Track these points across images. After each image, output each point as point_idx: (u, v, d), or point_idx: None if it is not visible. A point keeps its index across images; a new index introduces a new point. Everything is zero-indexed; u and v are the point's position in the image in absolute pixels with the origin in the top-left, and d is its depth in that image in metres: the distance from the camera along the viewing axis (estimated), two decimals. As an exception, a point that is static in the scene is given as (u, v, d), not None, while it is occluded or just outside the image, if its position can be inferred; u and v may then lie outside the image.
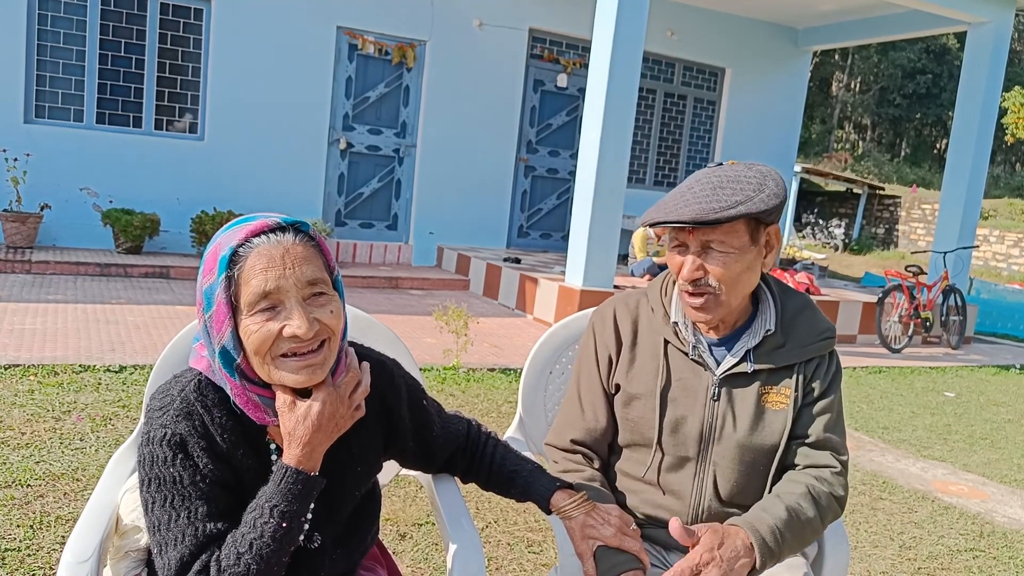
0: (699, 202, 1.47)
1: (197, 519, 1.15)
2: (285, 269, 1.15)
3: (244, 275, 1.14)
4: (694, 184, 1.52)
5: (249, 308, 1.15)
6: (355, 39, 8.90)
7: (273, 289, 1.14)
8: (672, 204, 1.51)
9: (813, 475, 1.57)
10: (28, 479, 3.04)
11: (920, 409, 5.86)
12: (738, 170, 1.53)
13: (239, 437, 1.22)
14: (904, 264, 9.66)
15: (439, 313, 5.35)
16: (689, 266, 1.53)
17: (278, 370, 1.17)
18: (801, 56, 11.60)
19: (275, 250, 1.15)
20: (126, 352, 4.80)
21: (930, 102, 31.12)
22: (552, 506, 1.49)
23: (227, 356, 1.17)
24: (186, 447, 1.17)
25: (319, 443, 1.18)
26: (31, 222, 7.45)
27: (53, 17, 7.73)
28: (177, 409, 1.18)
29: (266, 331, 1.14)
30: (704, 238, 1.51)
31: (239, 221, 1.19)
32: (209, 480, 1.17)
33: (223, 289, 1.14)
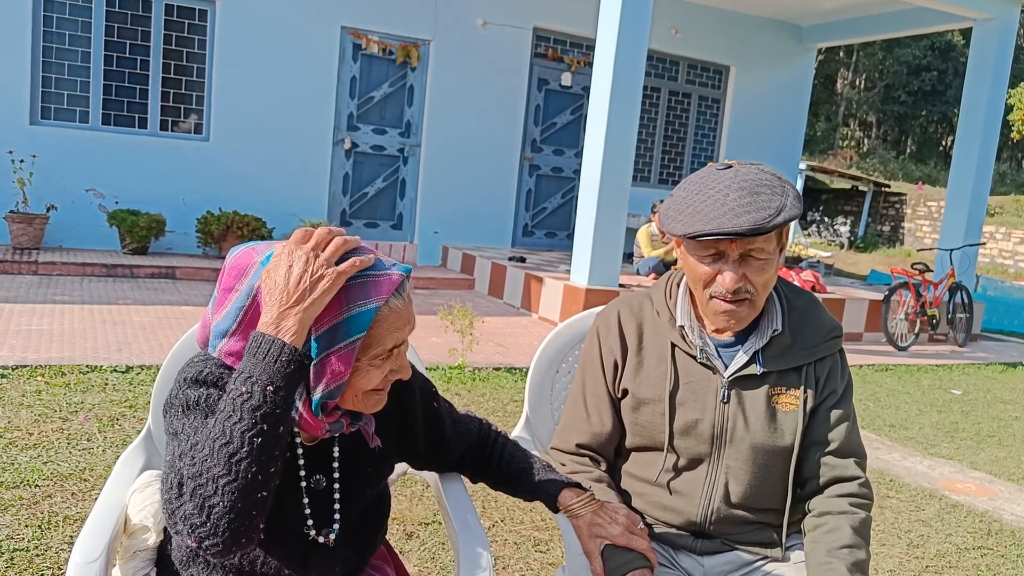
0: (748, 211, 1.43)
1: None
2: (410, 324, 1.20)
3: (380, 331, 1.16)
4: (726, 191, 1.46)
5: (373, 357, 1.18)
6: (359, 39, 8.90)
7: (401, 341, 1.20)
8: (716, 213, 1.44)
9: (848, 501, 1.54)
10: (36, 479, 3.05)
11: (927, 407, 5.84)
12: (754, 172, 1.50)
13: None
14: (910, 262, 9.63)
15: (444, 313, 5.35)
16: (733, 276, 1.49)
17: (364, 402, 1.22)
18: (806, 53, 11.58)
19: (405, 308, 1.19)
20: (132, 352, 4.82)
21: (935, 99, 31.04)
22: (559, 504, 1.49)
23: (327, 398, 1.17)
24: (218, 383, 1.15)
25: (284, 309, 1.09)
26: (37, 223, 7.47)
27: (58, 19, 7.75)
28: (211, 371, 1.17)
29: (380, 374, 1.20)
30: (747, 247, 1.48)
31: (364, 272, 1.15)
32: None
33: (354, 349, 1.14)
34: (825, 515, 1.55)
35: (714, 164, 1.57)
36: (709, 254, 1.50)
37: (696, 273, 1.53)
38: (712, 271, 1.51)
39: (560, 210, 10.42)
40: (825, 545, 1.50)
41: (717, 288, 1.52)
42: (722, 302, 1.52)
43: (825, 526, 1.53)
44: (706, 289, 1.54)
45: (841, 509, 1.53)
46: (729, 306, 1.52)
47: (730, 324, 1.56)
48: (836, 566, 1.45)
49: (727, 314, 1.53)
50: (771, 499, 1.62)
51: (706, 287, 1.54)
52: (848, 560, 1.46)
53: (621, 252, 6.95)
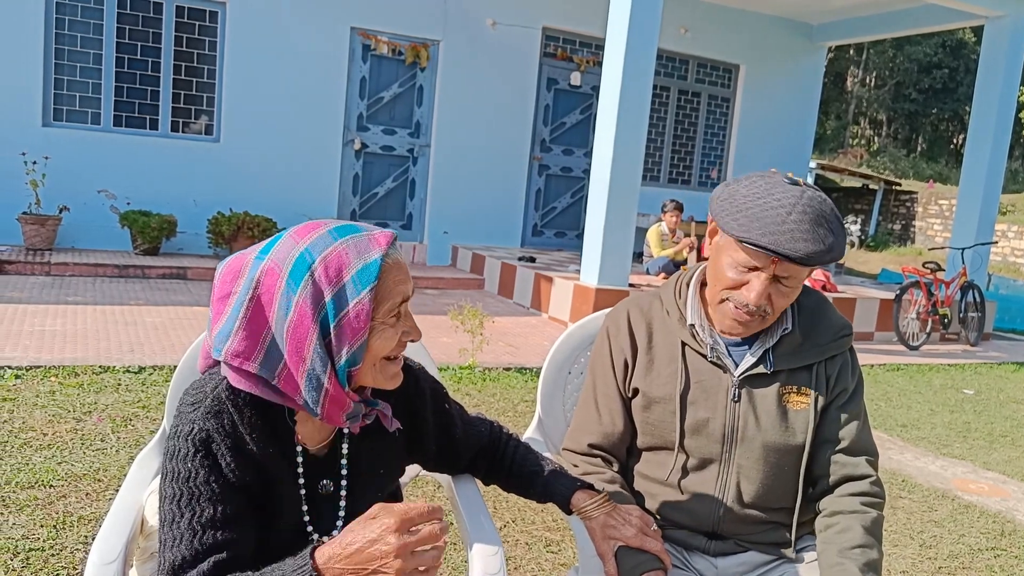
0: (807, 239, 1.43)
1: (198, 523, 1.15)
2: (408, 279, 1.22)
3: (388, 284, 1.18)
4: (790, 209, 1.45)
5: (387, 314, 1.19)
6: (368, 40, 8.92)
7: (407, 296, 1.22)
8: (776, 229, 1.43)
9: (860, 500, 1.54)
10: (51, 480, 3.08)
11: (939, 407, 5.82)
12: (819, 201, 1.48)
13: (269, 437, 1.22)
14: (921, 261, 9.59)
15: (454, 313, 5.36)
16: (761, 293, 1.49)
17: (381, 373, 1.23)
18: (816, 51, 11.54)
19: (402, 259, 1.22)
20: (145, 353, 4.84)
21: (947, 97, 30.86)
22: (573, 506, 1.50)
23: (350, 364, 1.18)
24: (209, 445, 1.17)
25: (342, 566, 1.09)
26: (50, 224, 7.52)
27: (70, 21, 7.80)
28: (208, 407, 1.19)
29: (394, 334, 1.21)
30: (784, 271, 1.49)
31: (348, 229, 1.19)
32: (224, 482, 1.17)
33: (371, 298, 1.15)
34: (836, 514, 1.55)
35: (782, 174, 1.55)
36: (747, 265, 1.50)
37: (723, 274, 1.53)
38: (740, 280, 1.51)
39: (569, 210, 10.42)
40: (837, 545, 1.50)
41: (739, 298, 1.52)
42: (737, 309, 1.53)
43: (837, 526, 1.53)
44: (724, 291, 1.54)
45: (852, 508, 1.54)
46: (744, 317, 1.53)
47: (735, 330, 1.57)
48: (848, 567, 1.45)
49: (737, 322, 1.55)
50: (783, 498, 1.62)
51: (726, 289, 1.54)
52: (860, 560, 1.46)
53: (631, 252, 6.94)
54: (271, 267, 1.15)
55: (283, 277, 1.14)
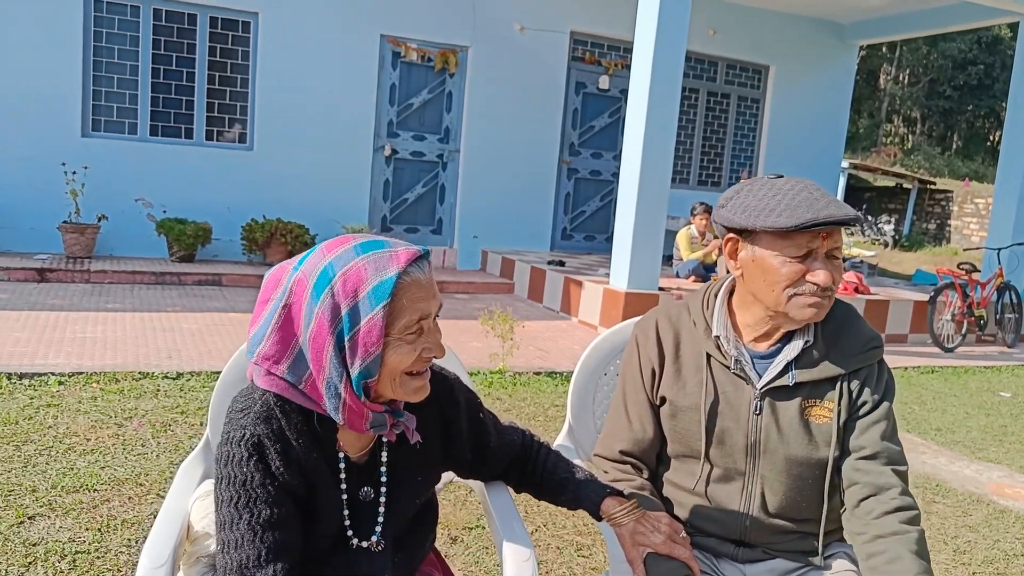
0: (839, 206, 1.49)
1: (258, 524, 1.21)
2: (434, 296, 1.25)
3: (405, 302, 1.21)
4: (804, 190, 1.52)
5: (403, 331, 1.22)
6: (398, 47, 9.01)
7: (426, 314, 1.24)
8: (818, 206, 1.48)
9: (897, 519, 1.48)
10: (95, 484, 3.17)
11: (975, 410, 5.75)
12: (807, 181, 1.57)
13: (312, 443, 1.28)
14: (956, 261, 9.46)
15: (485, 318, 5.41)
16: (827, 272, 1.52)
17: (402, 387, 1.26)
18: (847, 51, 11.44)
19: (426, 278, 1.24)
20: (182, 359, 4.95)
21: (982, 93, 30.35)
22: (603, 513, 1.53)
23: (364, 376, 1.22)
24: (262, 449, 1.23)
25: None
26: (89, 233, 7.69)
27: (108, 34, 7.98)
28: (257, 412, 1.24)
29: (412, 351, 1.24)
30: (833, 245, 1.53)
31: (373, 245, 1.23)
32: (278, 484, 1.23)
33: (383, 315, 1.19)
34: (877, 539, 1.48)
35: (770, 176, 1.60)
36: (800, 254, 1.52)
37: (781, 274, 1.53)
38: (802, 269, 1.52)
39: (599, 213, 10.43)
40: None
41: (808, 286, 1.52)
42: (811, 296, 1.53)
43: (883, 555, 1.46)
44: (789, 288, 1.53)
45: (893, 530, 1.47)
46: (817, 299, 1.53)
47: (817, 316, 1.56)
48: None
49: (815, 306, 1.54)
50: (808, 509, 1.63)
51: (790, 286, 1.53)
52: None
53: (660, 255, 6.94)
54: (301, 278, 1.21)
55: (308, 289, 1.20)
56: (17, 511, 2.87)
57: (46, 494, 3.04)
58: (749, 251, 1.57)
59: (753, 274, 1.58)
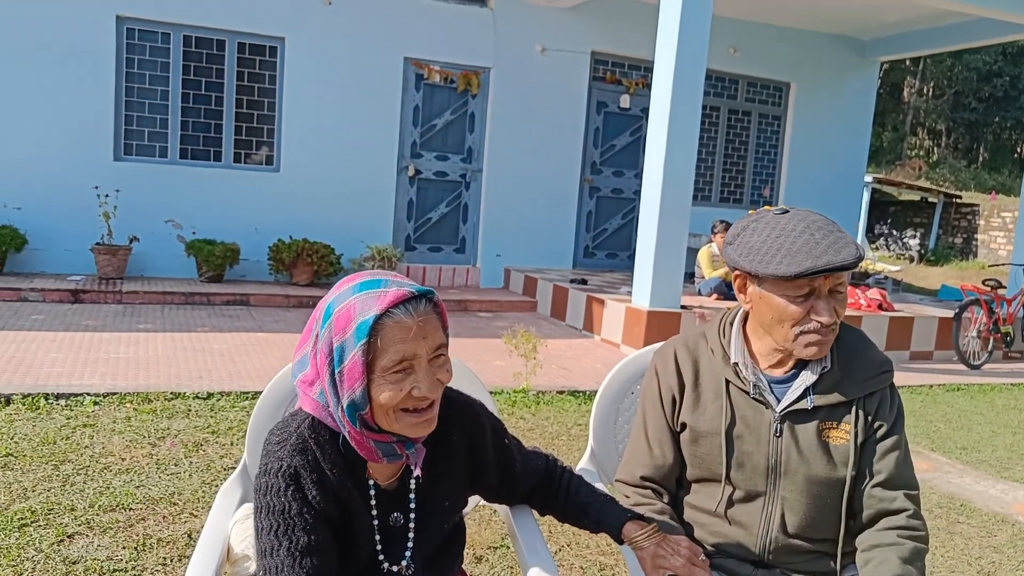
0: (843, 247, 1.55)
1: (297, 550, 1.28)
2: (421, 339, 1.27)
3: (384, 342, 1.26)
4: (808, 231, 1.57)
5: (384, 370, 1.27)
6: (421, 69, 9.15)
7: (412, 355, 1.27)
8: (817, 251, 1.54)
9: (896, 533, 1.58)
10: (130, 503, 3.26)
11: (1001, 428, 5.71)
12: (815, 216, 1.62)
13: (345, 472, 1.35)
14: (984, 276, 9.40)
15: (508, 337, 5.47)
16: (829, 310, 1.58)
17: (398, 422, 1.31)
18: (868, 67, 11.43)
19: (412, 321, 1.27)
20: (213, 379, 5.05)
21: (1008, 105, 30.08)
22: (624, 536, 1.58)
23: (354, 408, 1.29)
24: (299, 479, 1.31)
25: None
26: (121, 254, 7.86)
27: (139, 60, 8.18)
28: (294, 444, 1.33)
29: (398, 390, 1.28)
30: (836, 282, 1.59)
31: (369, 284, 1.29)
32: (315, 512, 1.31)
33: (362, 353, 1.25)
34: (874, 548, 1.60)
35: (771, 209, 1.67)
36: (802, 293, 1.58)
37: (787, 313, 1.60)
38: (804, 309, 1.59)
39: (621, 231, 10.48)
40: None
41: (811, 324, 1.59)
42: (814, 335, 1.60)
43: (875, 560, 1.58)
44: (795, 327, 1.61)
45: (890, 541, 1.58)
46: (820, 337, 1.60)
47: (820, 354, 1.63)
48: None
49: (817, 345, 1.61)
50: (826, 529, 1.68)
51: (796, 325, 1.61)
52: None
53: (682, 273, 6.97)
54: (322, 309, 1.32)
55: (318, 322, 1.30)
56: (57, 529, 2.97)
57: (84, 513, 3.13)
58: (756, 289, 1.65)
59: (761, 310, 1.66)
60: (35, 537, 2.91)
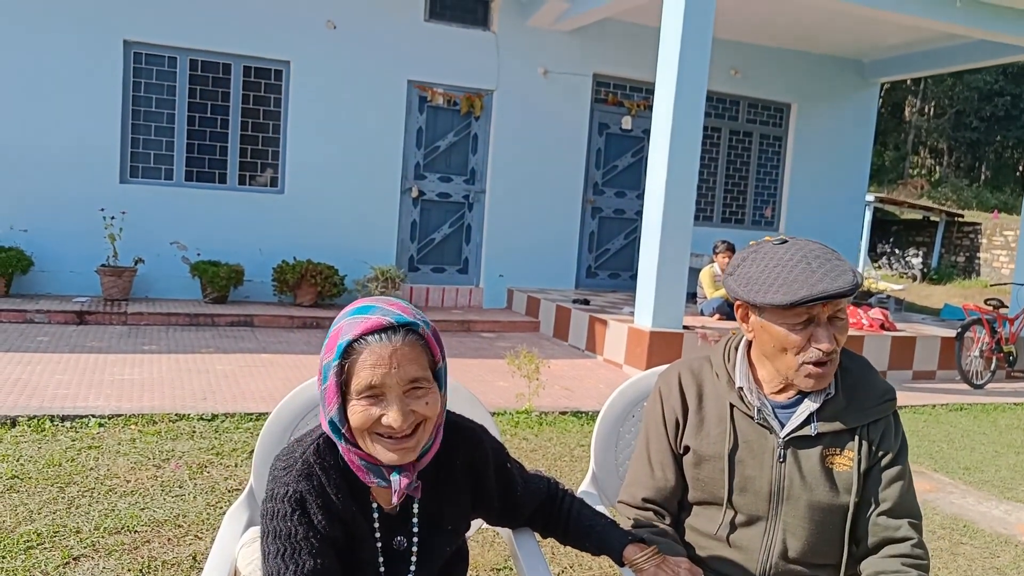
0: (839, 274, 1.57)
1: (303, 574, 1.31)
2: (391, 368, 1.30)
3: (356, 367, 1.31)
4: (805, 260, 1.60)
5: (356, 394, 1.32)
6: (425, 91, 9.23)
7: (379, 384, 1.30)
8: (812, 280, 1.56)
9: (900, 562, 1.60)
10: (135, 525, 3.28)
11: (1004, 448, 5.71)
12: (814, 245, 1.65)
13: (349, 496, 1.38)
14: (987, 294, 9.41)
15: (511, 358, 5.49)
16: (829, 338, 1.60)
17: (374, 445, 1.34)
18: (869, 88, 11.51)
19: (384, 349, 1.30)
20: (217, 401, 5.08)
21: (1010, 124, 30.18)
22: (624, 559, 1.60)
23: (333, 425, 1.35)
24: (304, 504, 1.34)
25: None
26: (126, 276, 7.91)
27: (146, 84, 8.27)
28: (299, 470, 1.36)
29: (367, 415, 1.32)
30: (835, 309, 1.61)
31: (360, 310, 1.35)
32: (321, 536, 1.33)
33: (335, 374, 1.31)
34: (878, 575, 1.61)
35: (771, 239, 1.70)
36: (801, 321, 1.61)
37: (788, 341, 1.62)
38: (804, 337, 1.61)
39: (623, 251, 10.52)
40: None
41: (812, 354, 1.61)
42: (814, 366, 1.62)
43: None
44: (798, 356, 1.63)
45: (894, 569, 1.60)
46: (820, 369, 1.62)
47: (819, 385, 1.65)
48: None
49: (818, 377, 1.63)
50: (828, 555, 1.70)
51: (799, 353, 1.62)
52: None
53: (684, 293, 6.99)
54: None
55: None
56: (62, 552, 2.98)
57: (89, 535, 3.15)
58: (757, 319, 1.68)
59: (763, 339, 1.69)
60: (41, 559, 2.92)
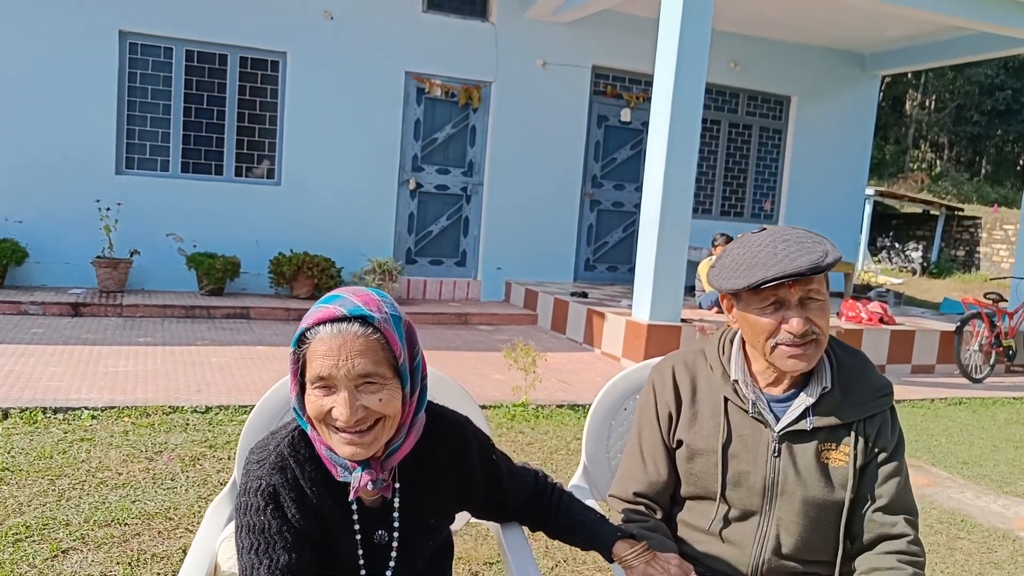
0: (801, 255, 1.54)
1: (277, 569, 1.27)
2: (340, 360, 1.26)
3: (308, 356, 1.29)
4: (773, 245, 1.57)
5: (310, 383, 1.30)
6: (423, 83, 9.18)
7: (327, 376, 1.27)
8: (772, 262, 1.54)
9: (896, 558, 1.57)
10: (125, 518, 3.25)
11: (1003, 442, 5.68)
12: (790, 230, 1.62)
13: (325, 490, 1.34)
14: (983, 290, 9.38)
15: (508, 351, 5.46)
16: (800, 320, 1.57)
17: (331, 437, 1.31)
18: (869, 81, 11.46)
19: (334, 341, 1.27)
20: (211, 393, 5.04)
21: (1011, 118, 30.10)
22: (614, 555, 1.57)
23: (298, 414, 1.34)
24: (278, 498, 1.30)
25: None
26: (122, 267, 7.87)
27: (142, 75, 8.22)
28: (272, 463, 1.32)
29: (320, 405, 1.29)
30: (805, 290, 1.57)
31: (327, 299, 1.33)
32: (295, 531, 1.30)
33: (291, 361, 1.31)
34: (873, 571, 1.58)
35: (754, 231, 1.67)
36: (770, 304, 1.58)
37: (759, 326, 1.60)
38: (775, 320, 1.58)
39: (621, 244, 10.48)
40: None
41: (784, 336, 1.58)
42: (789, 347, 1.59)
43: None
44: (770, 340, 1.60)
45: (889, 565, 1.57)
46: (797, 349, 1.59)
47: (799, 366, 1.61)
48: None
49: (796, 357, 1.59)
50: (822, 551, 1.66)
51: (770, 338, 1.60)
52: None
53: (683, 286, 6.95)
54: None
55: None
56: (51, 544, 2.96)
57: (79, 528, 3.12)
58: (736, 309, 1.67)
59: (744, 328, 1.67)
60: (29, 552, 2.89)
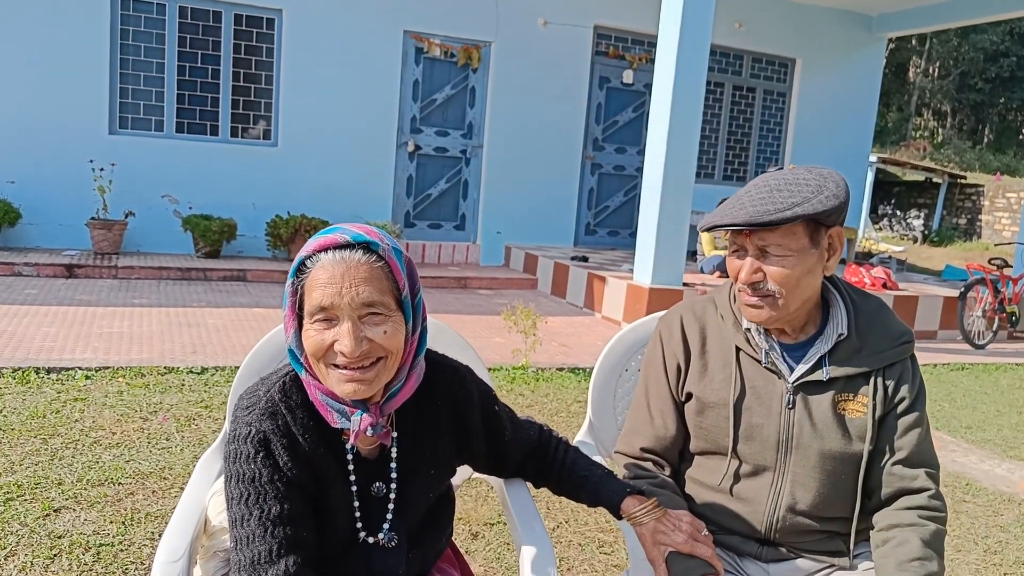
0: (754, 205, 1.49)
1: (268, 520, 1.20)
2: (343, 287, 1.18)
3: (307, 286, 1.21)
4: (751, 188, 1.53)
5: (309, 316, 1.21)
6: (421, 42, 9.01)
7: (328, 305, 1.19)
8: (729, 208, 1.53)
9: (917, 514, 1.50)
10: (119, 477, 3.19)
11: (1006, 407, 5.64)
12: (798, 173, 1.53)
13: (318, 438, 1.27)
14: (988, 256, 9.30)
15: (508, 313, 5.39)
16: (747, 269, 1.53)
17: (329, 377, 1.23)
18: (875, 43, 11.27)
19: (337, 268, 1.19)
20: (207, 354, 4.98)
21: (1014, 86, 29.83)
22: (623, 512, 1.50)
23: (293, 354, 1.26)
24: (268, 445, 1.22)
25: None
26: (117, 229, 7.77)
27: (134, 32, 8.04)
28: (262, 408, 1.24)
29: (320, 340, 1.20)
30: (761, 242, 1.51)
31: (324, 231, 1.24)
32: (287, 480, 1.23)
33: (290, 294, 1.22)
34: (893, 528, 1.51)
35: (772, 168, 1.59)
36: (734, 250, 1.57)
37: (730, 269, 1.60)
38: (737, 266, 1.57)
39: (623, 208, 10.37)
40: (894, 559, 1.46)
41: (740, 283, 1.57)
42: (744, 295, 1.57)
43: (894, 540, 1.49)
44: (735, 285, 1.59)
45: (910, 521, 1.49)
46: (750, 298, 1.56)
47: (755, 318, 1.58)
48: None
49: (749, 306, 1.57)
50: (839, 507, 1.59)
51: (736, 282, 1.59)
52: (919, 573, 1.43)
53: (685, 250, 6.87)
54: None
55: None
56: (43, 503, 2.90)
57: (72, 487, 3.07)
58: None
59: None
60: (20, 511, 2.84)
